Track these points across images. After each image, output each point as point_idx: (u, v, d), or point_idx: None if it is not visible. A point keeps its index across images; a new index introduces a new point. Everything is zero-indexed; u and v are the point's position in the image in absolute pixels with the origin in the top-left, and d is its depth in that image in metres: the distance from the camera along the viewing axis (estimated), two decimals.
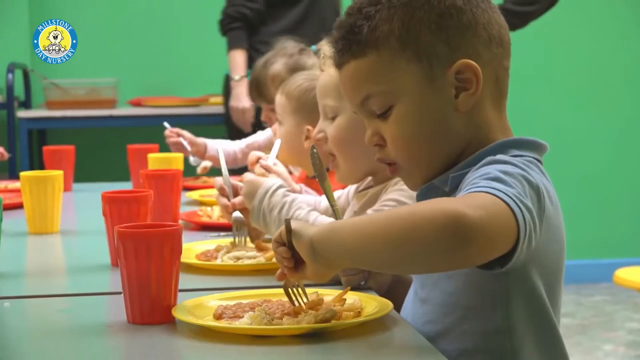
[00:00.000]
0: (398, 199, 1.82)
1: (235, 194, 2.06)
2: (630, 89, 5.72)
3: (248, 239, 2.03)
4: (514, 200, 1.24)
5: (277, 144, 2.34)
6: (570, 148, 5.65)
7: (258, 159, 3.19)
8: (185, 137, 3.48)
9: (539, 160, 1.42)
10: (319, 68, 2.01)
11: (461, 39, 1.40)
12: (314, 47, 3.14)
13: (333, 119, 1.95)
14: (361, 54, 1.43)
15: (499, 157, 1.37)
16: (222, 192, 2.07)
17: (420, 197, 1.49)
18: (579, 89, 5.68)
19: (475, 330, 1.39)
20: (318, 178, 1.76)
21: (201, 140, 3.52)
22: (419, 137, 1.42)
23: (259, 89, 3.38)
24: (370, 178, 1.98)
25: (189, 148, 3.45)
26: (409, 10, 1.40)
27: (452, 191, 1.42)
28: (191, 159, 3.43)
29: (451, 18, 1.40)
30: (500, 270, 1.28)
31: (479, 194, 1.25)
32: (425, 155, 1.43)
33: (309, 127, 2.23)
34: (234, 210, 2.04)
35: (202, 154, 3.50)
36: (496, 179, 1.28)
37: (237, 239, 2.01)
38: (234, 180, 2.09)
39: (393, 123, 1.42)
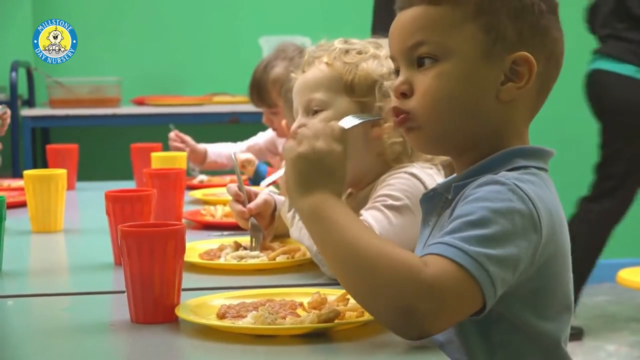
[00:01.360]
0: (390, 194, 1.81)
1: (250, 200, 2.05)
2: None
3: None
4: (478, 262, 1.25)
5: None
6: (573, 147, 5.64)
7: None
8: (188, 143, 3.47)
9: (544, 169, 1.41)
10: (301, 69, 1.99)
11: (530, 38, 1.42)
12: None
13: (316, 113, 1.91)
14: (436, 2, 1.42)
15: (500, 177, 1.35)
16: (237, 198, 2.07)
17: (425, 202, 1.48)
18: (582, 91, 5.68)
19: (478, 345, 1.37)
20: None
21: (202, 146, 3.52)
22: (450, 98, 1.40)
23: (260, 93, 3.38)
24: (349, 190, 1.95)
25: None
26: None
27: (454, 199, 1.41)
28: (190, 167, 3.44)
29: (532, 15, 1.41)
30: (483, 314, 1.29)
31: (444, 263, 1.25)
32: (446, 121, 1.41)
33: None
34: (250, 216, 2.04)
35: (201, 160, 3.50)
36: (474, 225, 1.28)
37: (253, 245, 2.00)
38: (248, 187, 2.09)
39: (432, 77, 1.41)
